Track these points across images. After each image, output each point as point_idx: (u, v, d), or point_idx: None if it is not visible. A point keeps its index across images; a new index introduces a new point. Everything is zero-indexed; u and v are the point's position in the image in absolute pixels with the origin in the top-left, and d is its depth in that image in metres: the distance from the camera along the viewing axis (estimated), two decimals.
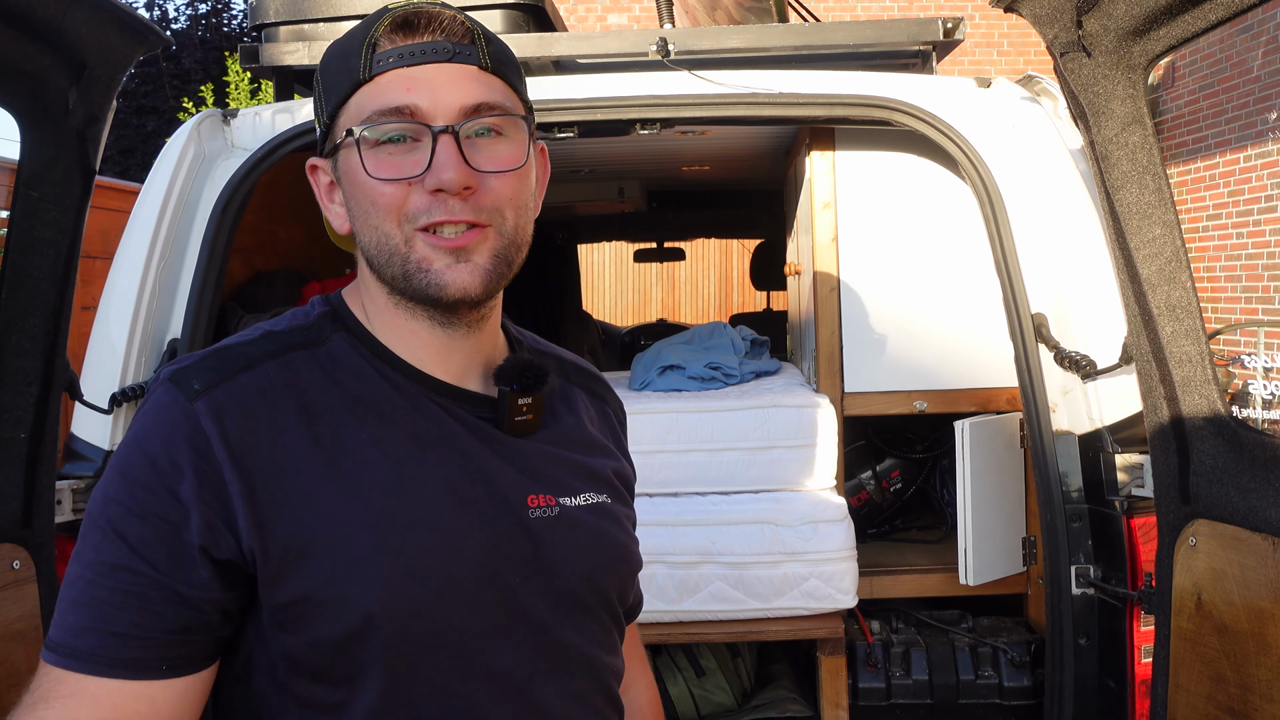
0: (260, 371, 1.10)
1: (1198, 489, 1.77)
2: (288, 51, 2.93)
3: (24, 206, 1.83)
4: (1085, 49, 1.70)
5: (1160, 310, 1.76)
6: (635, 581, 1.42)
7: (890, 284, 3.05)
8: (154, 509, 1.03)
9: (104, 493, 1.06)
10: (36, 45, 1.68)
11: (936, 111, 2.58)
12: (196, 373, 1.09)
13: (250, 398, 1.08)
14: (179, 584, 1.02)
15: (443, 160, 1.09)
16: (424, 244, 1.11)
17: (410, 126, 1.10)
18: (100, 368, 2.45)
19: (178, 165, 2.58)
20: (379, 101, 1.11)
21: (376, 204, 1.11)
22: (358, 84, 1.12)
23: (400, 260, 1.12)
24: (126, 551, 1.02)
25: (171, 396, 1.07)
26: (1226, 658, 1.73)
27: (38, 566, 1.94)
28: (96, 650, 1.01)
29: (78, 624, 1.02)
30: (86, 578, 1.03)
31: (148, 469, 1.04)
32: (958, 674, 2.79)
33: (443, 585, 1.08)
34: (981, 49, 11.21)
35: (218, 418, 1.05)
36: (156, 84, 14.78)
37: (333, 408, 1.11)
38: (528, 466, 1.19)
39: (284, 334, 1.15)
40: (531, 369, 1.20)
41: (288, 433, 1.07)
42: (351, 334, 1.17)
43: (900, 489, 3.41)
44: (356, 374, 1.14)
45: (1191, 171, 9.31)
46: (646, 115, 2.69)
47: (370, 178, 1.11)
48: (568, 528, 1.19)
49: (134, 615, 1.01)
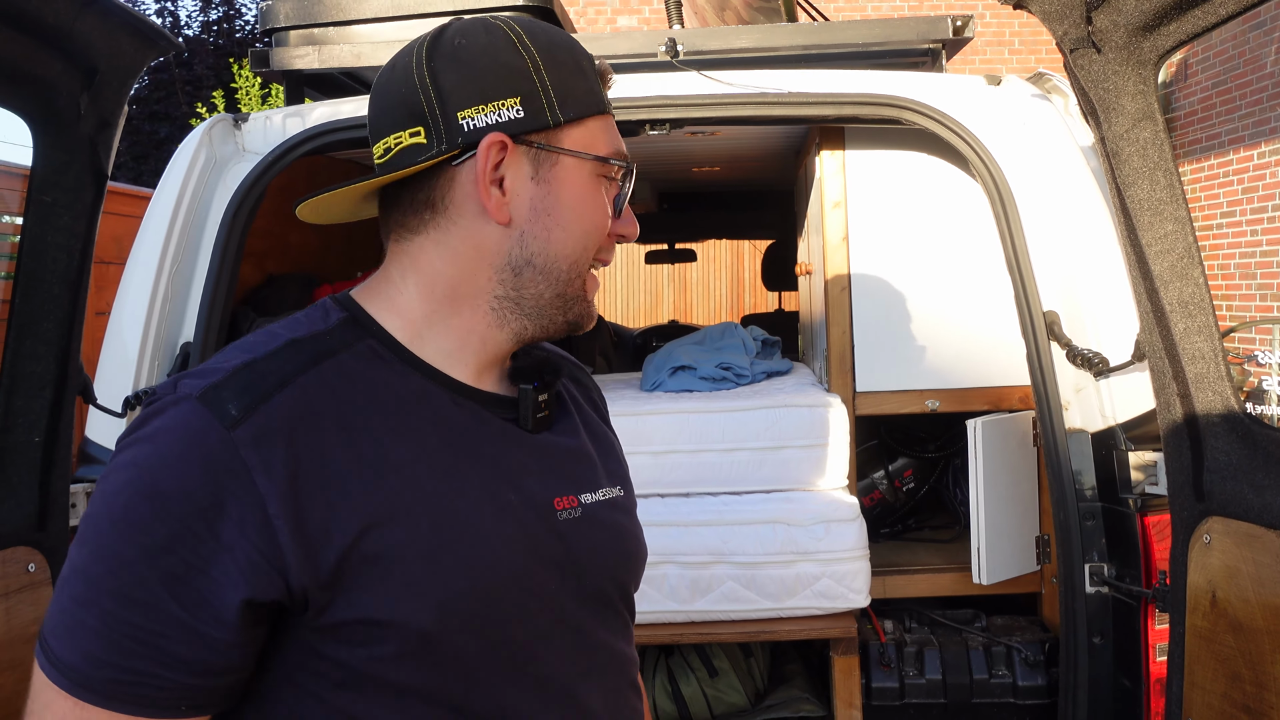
0: (295, 387, 1.05)
1: (1211, 486, 1.77)
2: (298, 56, 2.94)
3: (37, 211, 1.84)
4: (1095, 45, 1.70)
5: (1173, 307, 1.75)
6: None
7: (901, 283, 3.05)
8: (187, 545, 0.96)
9: (124, 515, 0.98)
10: (48, 51, 1.69)
11: (947, 110, 2.57)
12: (231, 395, 1.02)
13: (290, 420, 1.02)
14: (207, 626, 0.97)
15: (631, 215, 1.21)
16: (590, 278, 1.20)
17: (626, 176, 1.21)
18: (114, 371, 2.46)
19: (189, 170, 2.59)
20: (615, 143, 1.20)
21: (594, 232, 1.18)
22: (600, 112, 1.19)
23: (579, 284, 1.18)
24: (153, 585, 0.96)
25: (206, 421, 1.00)
26: (1242, 655, 1.72)
27: (53, 569, 1.95)
28: (115, 685, 0.96)
29: (94, 653, 0.96)
30: (105, 606, 0.96)
31: (182, 501, 0.97)
32: (971, 673, 2.78)
33: (492, 596, 1.07)
34: (993, 47, 11.18)
35: (259, 447, 0.99)
36: (169, 90, 14.85)
37: (370, 421, 1.07)
38: (549, 466, 1.19)
39: (308, 342, 1.10)
40: (547, 364, 1.22)
41: (330, 452, 1.03)
42: (378, 340, 1.14)
43: (913, 488, 3.41)
44: (387, 383, 1.11)
45: (1205, 168, 9.27)
46: (656, 116, 2.70)
47: (604, 207, 1.19)
48: (590, 527, 1.20)
49: (156, 655, 0.96)
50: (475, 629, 1.06)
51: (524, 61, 1.14)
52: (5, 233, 6.70)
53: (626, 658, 1.24)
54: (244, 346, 1.10)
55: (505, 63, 1.14)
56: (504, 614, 1.09)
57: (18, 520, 1.90)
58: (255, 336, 1.12)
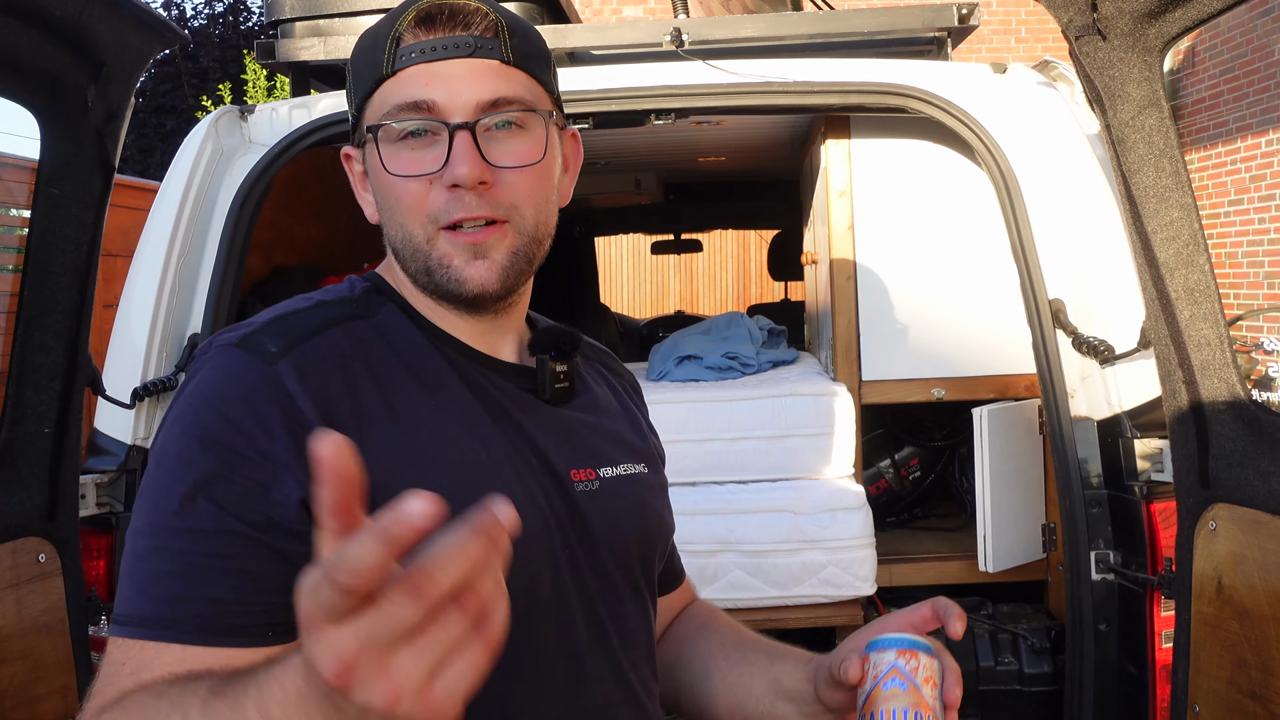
0: (327, 336, 1.09)
1: (1217, 473, 1.77)
2: (304, 47, 2.94)
3: (45, 204, 1.85)
4: (1100, 32, 1.69)
5: (1178, 294, 1.75)
6: (672, 548, 1.43)
7: (907, 271, 3.05)
8: (244, 471, 0.99)
9: (177, 460, 1.01)
10: (55, 44, 1.70)
11: (952, 98, 2.57)
12: (268, 338, 1.07)
13: (325, 362, 1.06)
14: (282, 541, 0.99)
15: (458, 155, 1.09)
16: (445, 241, 1.12)
17: (428, 122, 1.11)
18: (122, 363, 2.47)
19: (195, 161, 2.59)
20: (398, 97, 1.12)
21: (400, 201, 1.13)
22: (381, 78, 1.14)
23: (423, 257, 1.13)
24: (220, 514, 0.98)
25: (245, 360, 1.04)
26: (1248, 642, 1.73)
27: (63, 560, 1.96)
28: (201, 618, 0.96)
29: (172, 593, 0.97)
30: (175, 547, 0.98)
31: (232, 433, 1.00)
32: (978, 661, 2.79)
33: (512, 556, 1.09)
34: (1000, 36, 11.14)
35: (302, 378, 1.03)
36: (175, 83, 14.85)
37: (397, 377, 1.11)
38: (569, 438, 1.21)
39: (336, 304, 1.15)
40: (564, 335, 1.22)
41: (364, 399, 1.06)
42: (399, 306, 1.18)
43: (919, 477, 3.41)
44: (412, 344, 1.15)
45: (1213, 157, 9.23)
46: (661, 106, 2.70)
47: (390, 174, 1.12)
48: (608, 500, 1.20)
49: (235, 580, 0.97)
50: None
51: (347, 74, 1.20)
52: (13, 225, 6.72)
53: (643, 634, 1.24)
54: (275, 309, 1.14)
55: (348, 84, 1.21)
56: (523, 571, 1.09)
57: (28, 511, 1.91)
58: (284, 302, 1.16)
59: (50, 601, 1.94)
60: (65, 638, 1.97)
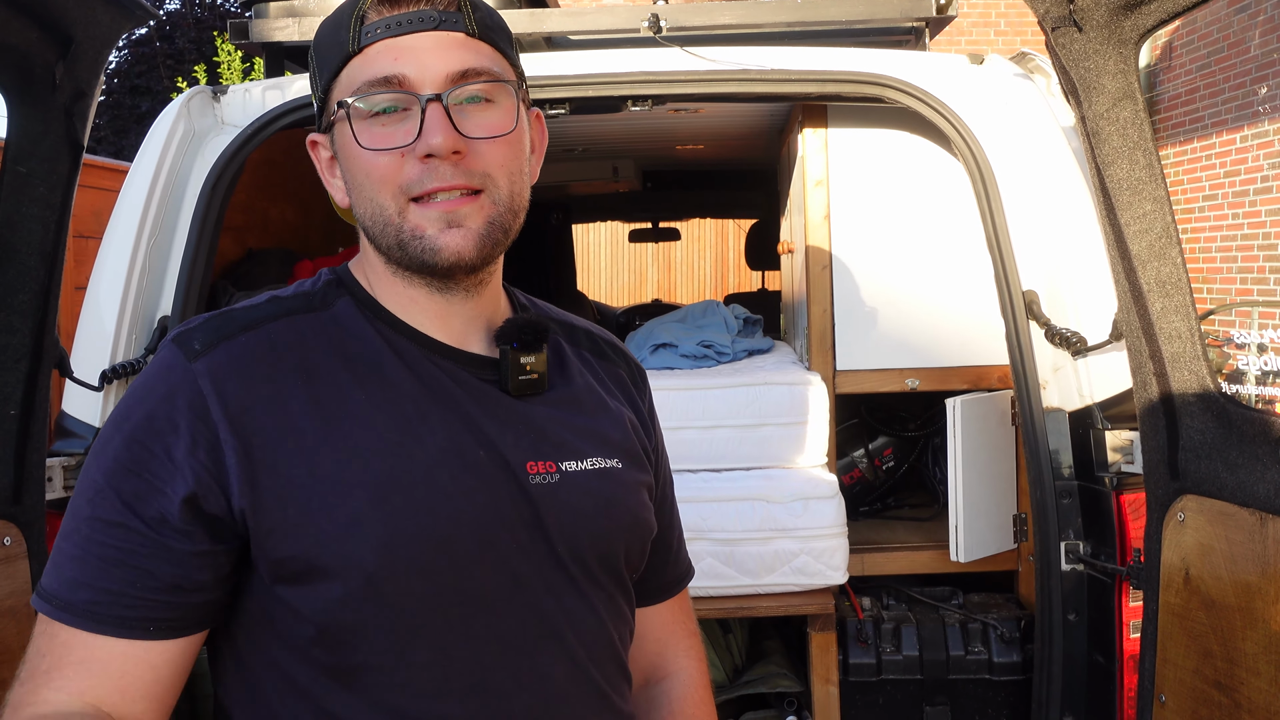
0: (261, 332, 1.12)
1: (1186, 465, 1.78)
2: (278, 27, 2.92)
3: (11, 182, 1.82)
4: (1077, 23, 1.70)
5: (1150, 286, 1.76)
6: (666, 551, 1.42)
7: (882, 262, 3.05)
8: (148, 466, 1.05)
9: (102, 448, 1.08)
10: (22, 20, 1.67)
11: (929, 88, 2.57)
12: (199, 333, 1.11)
13: (250, 357, 1.10)
14: (169, 539, 1.04)
15: (431, 126, 1.11)
16: (417, 212, 1.13)
17: (399, 96, 1.12)
18: (90, 345, 2.45)
19: (167, 142, 2.56)
20: (367, 73, 1.12)
21: (370, 175, 1.13)
22: (347, 57, 1.14)
23: (395, 230, 1.13)
24: (120, 508, 1.04)
25: (173, 357, 1.10)
26: (1214, 632, 1.74)
27: (28, 543, 1.94)
28: (92, 606, 1.03)
29: (73, 578, 1.04)
30: (83, 532, 1.05)
31: (145, 427, 1.06)
32: (948, 650, 2.80)
33: (442, 547, 1.09)
34: (979, 29, 11.17)
35: (215, 377, 1.07)
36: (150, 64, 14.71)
37: (334, 369, 1.12)
38: (530, 430, 1.20)
39: (289, 299, 1.18)
40: (531, 326, 1.21)
41: (287, 392, 1.09)
42: (356, 299, 1.19)
43: (893, 467, 3.42)
44: (359, 336, 1.16)
45: (1188, 152, 9.30)
46: (639, 92, 2.69)
47: (363, 149, 1.12)
48: (568, 494, 1.19)
49: (126, 572, 1.03)
50: (422, 576, 1.08)
51: (310, 61, 1.21)
52: None
53: (606, 631, 1.23)
54: (233, 305, 1.19)
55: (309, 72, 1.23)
56: (455, 564, 1.10)
57: None
58: (251, 299, 1.21)
59: (15, 585, 1.92)
60: (31, 622, 1.94)
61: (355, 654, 1.07)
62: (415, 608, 1.08)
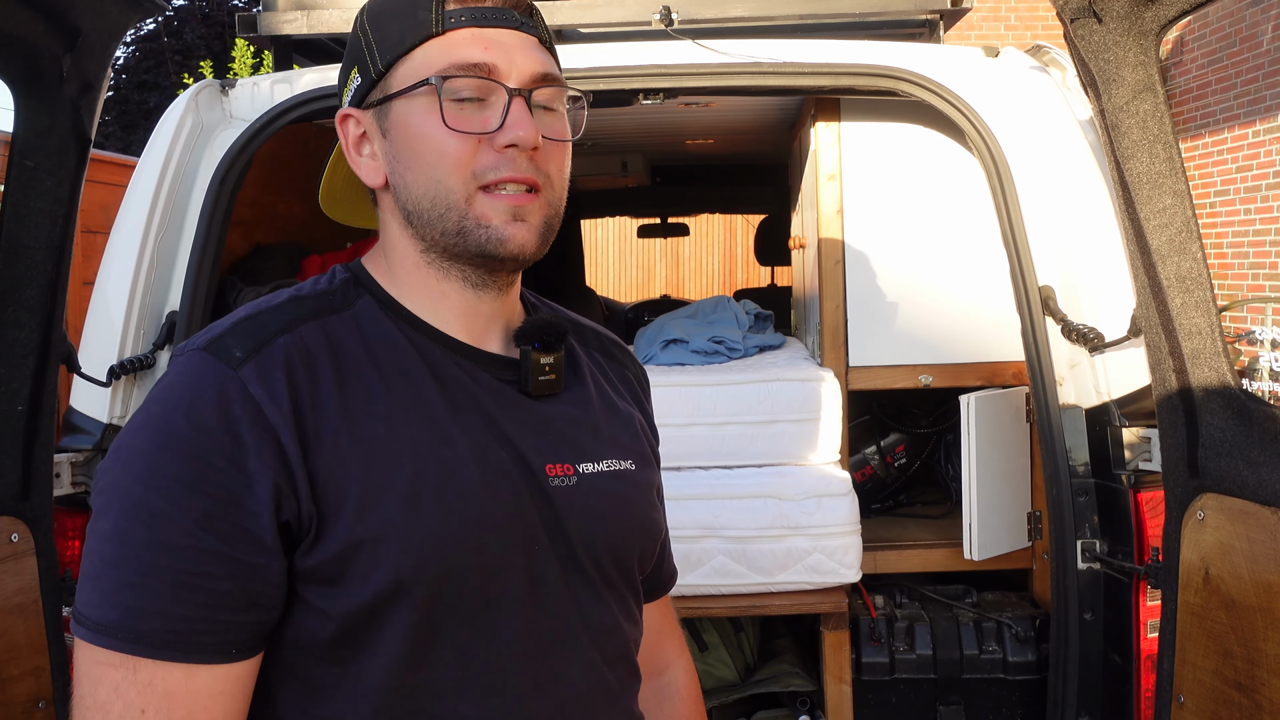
0: (296, 335, 1.10)
1: (1206, 462, 1.76)
2: (286, 21, 2.90)
3: (19, 176, 1.81)
4: (1096, 14, 1.67)
5: (1170, 281, 1.73)
6: (663, 551, 1.42)
7: (896, 257, 3.02)
8: (214, 481, 1.00)
9: (146, 468, 1.01)
10: (30, 12, 1.65)
11: (943, 81, 2.54)
12: (235, 340, 1.07)
13: (290, 362, 1.07)
14: (248, 554, 1.00)
15: (519, 118, 1.12)
16: (484, 201, 1.13)
17: (487, 84, 1.13)
18: (98, 340, 2.44)
19: (175, 136, 2.55)
20: (455, 56, 1.13)
21: (445, 156, 1.12)
22: (427, 36, 1.14)
23: (458, 215, 1.13)
24: (188, 528, 0.98)
25: (211, 365, 1.05)
26: (1234, 632, 1.72)
27: (36, 540, 1.93)
28: (167, 634, 0.98)
29: (138, 606, 0.98)
30: (144, 559, 0.98)
31: (201, 440, 1.00)
32: (962, 649, 2.78)
33: (470, 549, 1.08)
34: (989, 23, 11.11)
35: (265, 383, 1.04)
36: (159, 59, 14.72)
37: (364, 372, 1.11)
38: (549, 431, 1.19)
39: (311, 299, 1.16)
40: (551, 327, 1.21)
41: (326, 397, 1.07)
42: (376, 299, 1.18)
43: (905, 464, 3.40)
44: (384, 337, 1.15)
45: (1199, 146, 9.25)
46: (649, 85, 2.66)
47: (448, 130, 1.12)
48: (585, 496, 1.19)
49: (202, 597, 0.99)
50: (450, 578, 1.07)
51: (356, 33, 1.20)
52: None
53: (621, 633, 1.23)
54: (249, 306, 1.15)
55: (350, 43, 1.22)
56: (480, 567, 1.09)
57: (0, 490, 1.88)
58: (262, 298, 1.17)
59: (23, 582, 1.91)
60: (39, 618, 1.94)
61: (374, 654, 1.06)
62: (439, 609, 1.07)
